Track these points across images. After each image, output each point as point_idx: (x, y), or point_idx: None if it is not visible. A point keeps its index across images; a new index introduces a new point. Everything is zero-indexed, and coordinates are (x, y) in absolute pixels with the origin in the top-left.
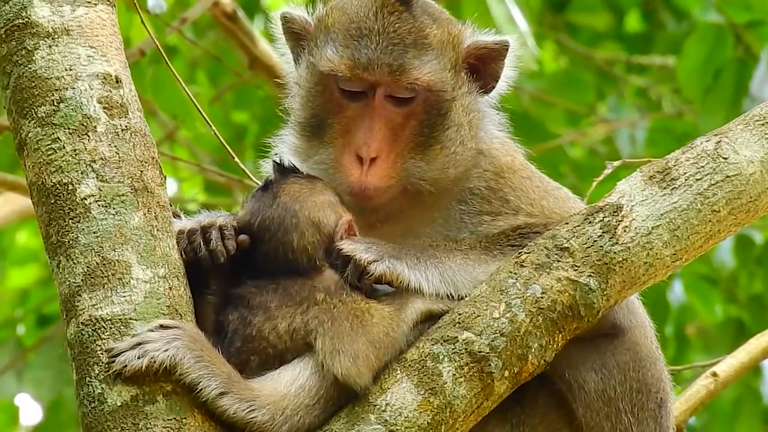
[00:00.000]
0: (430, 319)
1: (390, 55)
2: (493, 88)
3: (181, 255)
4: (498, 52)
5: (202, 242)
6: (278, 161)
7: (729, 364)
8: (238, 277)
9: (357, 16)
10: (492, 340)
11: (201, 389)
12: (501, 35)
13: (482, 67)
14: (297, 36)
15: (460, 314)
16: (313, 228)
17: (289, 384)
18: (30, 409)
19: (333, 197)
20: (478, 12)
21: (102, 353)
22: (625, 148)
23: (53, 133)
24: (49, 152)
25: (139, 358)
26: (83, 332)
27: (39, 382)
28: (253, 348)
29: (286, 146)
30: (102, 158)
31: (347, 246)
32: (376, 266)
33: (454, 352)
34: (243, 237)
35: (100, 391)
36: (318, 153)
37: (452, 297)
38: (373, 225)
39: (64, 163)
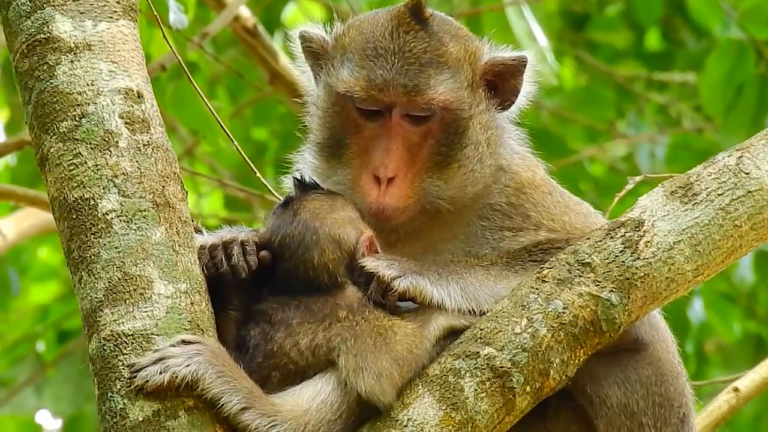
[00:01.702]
0: (453, 335)
1: (405, 75)
2: (512, 103)
3: (203, 270)
4: (516, 68)
5: (224, 258)
6: (299, 178)
7: (751, 380)
8: (259, 292)
9: (373, 35)
10: (514, 356)
11: (223, 404)
12: (519, 51)
13: (500, 83)
14: (316, 55)
15: (481, 329)
16: (334, 245)
17: (311, 399)
18: (50, 425)
19: (353, 213)
20: (499, 28)
21: (124, 368)
22: (645, 164)
23: (75, 149)
24: (71, 167)
25: (160, 373)
26: (105, 347)
27: (59, 398)
28: (275, 364)
29: (306, 165)
30: (124, 173)
31: (370, 263)
32: (399, 282)
33: (476, 368)
34: (264, 253)
35: (122, 406)
36: (336, 173)
37: (474, 312)
38: (393, 244)
39: (86, 178)
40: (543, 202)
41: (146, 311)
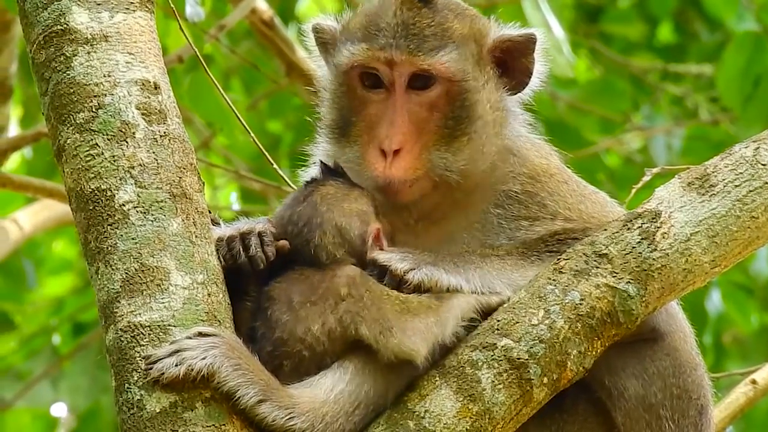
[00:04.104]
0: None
1: (407, 39)
2: (526, 85)
3: (221, 261)
4: (524, 45)
5: (241, 249)
6: (325, 163)
7: None
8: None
9: (377, 15)
10: (531, 347)
11: (239, 397)
12: (527, 28)
13: (510, 62)
14: (327, 45)
15: (498, 321)
16: (335, 231)
17: (328, 390)
18: (66, 418)
19: (367, 207)
20: (515, 19)
21: (141, 360)
22: (661, 156)
23: (92, 140)
24: (88, 158)
25: (176, 365)
26: (122, 339)
27: (75, 390)
28: (287, 352)
29: (320, 152)
30: (140, 164)
31: (382, 256)
32: (413, 275)
33: (493, 359)
34: (282, 242)
35: (139, 397)
36: (345, 152)
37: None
38: (408, 224)
39: (103, 169)
40: (559, 191)
41: (163, 302)
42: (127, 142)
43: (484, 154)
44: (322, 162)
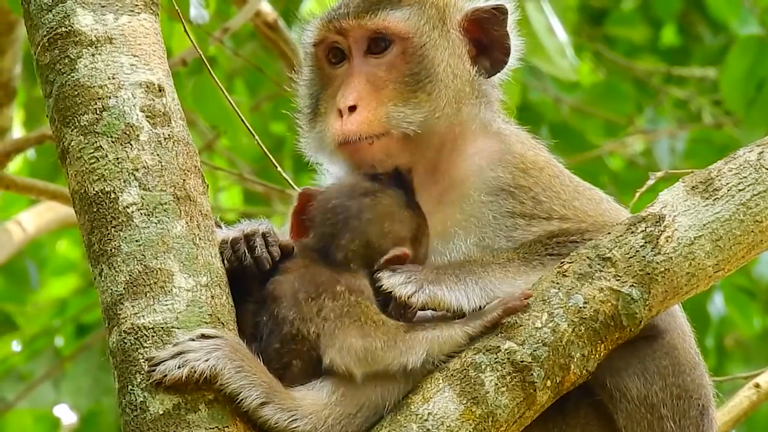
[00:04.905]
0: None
1: (356, 6)
2: (504, 63)
3: (225, 264)
4: (494, 15)
5: (246, 250)
6: (399, 170)
7: None
8: None
9: None
10: (534, 350)
11: (242, 399)
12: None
13: (486, 38)
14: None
15: (502, 324)
16: (364, 243)
17: (331, 393)
18: (68, 419)
19: (406, 233)
20: (518, 22)
21: (144, 362)
22: (664, 159)
23: (96, 142)
24: (92, 161)
25: (179, 367)
26: (125, 340)
27: (77, 392)
28: (295, 350)
29: (303, 144)
30: (144, 167)
31: (386, 282)
32: (416, 297)
33: (497, 362)
34: (286, 242)
35: (142, 399)
36: (313, 129)
37: None
38: None
39: (107, 171)
40: (552, 186)
41: (167, 304)
42: (131, 144)
43: (445, 112)
44: (396, 168)
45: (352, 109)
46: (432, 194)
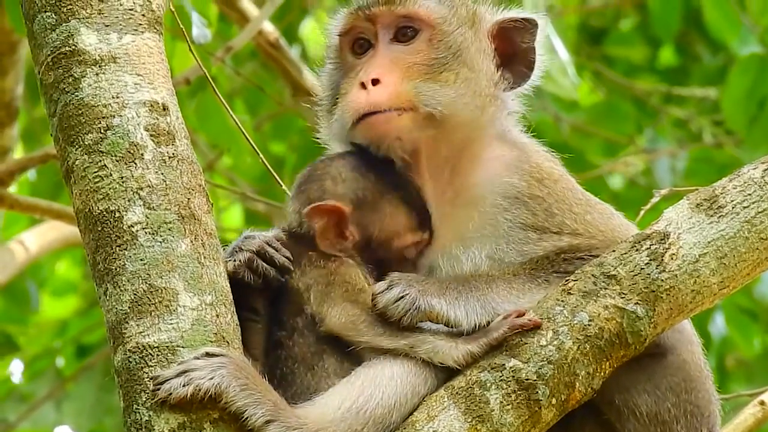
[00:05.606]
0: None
1: None
2: (527, 77)
3: (234, 278)
4: (525, 28)
5: (264, 264)
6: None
7: None
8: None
9: None
10: (539, 368)
11: (247, 417)
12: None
13: (512, 50)
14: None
15: (507, 342)
16: (304, 200)
17: (335, 409)
18: None
19: (412, 222)
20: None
21: (149, 381)
22: (665, 178)
23: (100, 161)
24: (96, 180)
25: (184, 386)
26: (130, 359)
27: (79, 412)
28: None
29: (323, 133)
30: (149, 185)
31: (381, 300)
32: (412, 315)
33: (502, 380)
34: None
35: (147, 418)
36: (334, 114)
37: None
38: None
39: (111, 190)
40: (565, 198)
41: (171, 323)
42: (135, 163)
43: (472, 101)
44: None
45: (375, 82)
46: (446, 194)
